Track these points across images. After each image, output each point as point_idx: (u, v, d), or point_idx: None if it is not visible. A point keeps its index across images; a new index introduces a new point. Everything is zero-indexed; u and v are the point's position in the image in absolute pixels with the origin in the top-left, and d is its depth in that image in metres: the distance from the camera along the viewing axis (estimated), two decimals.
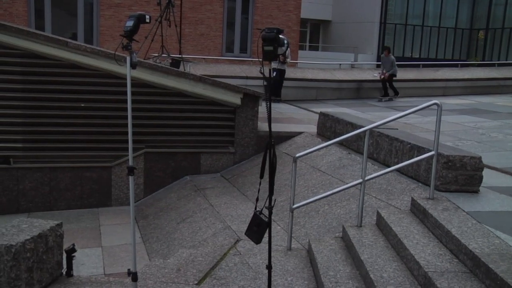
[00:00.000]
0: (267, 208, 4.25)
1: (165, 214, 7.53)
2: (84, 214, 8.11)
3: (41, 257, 4.04)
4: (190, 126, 8.81)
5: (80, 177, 8.36)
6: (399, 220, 4.74)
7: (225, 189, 7.97)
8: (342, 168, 7.00)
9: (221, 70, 14.52)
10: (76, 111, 8.29)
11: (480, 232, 4.06)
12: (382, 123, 5.20)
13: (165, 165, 8.71)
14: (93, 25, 17.32)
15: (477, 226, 4.18)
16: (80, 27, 17.14)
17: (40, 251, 4.01)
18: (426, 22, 31.59)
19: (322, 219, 5.74)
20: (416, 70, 18.00)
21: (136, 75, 7.96)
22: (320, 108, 11.09)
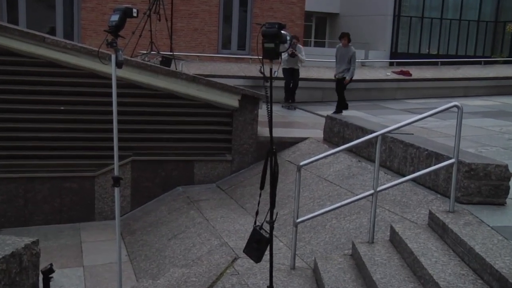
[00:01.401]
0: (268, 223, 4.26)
1: (154, 229, 7.53)
2: (63, 230, 8.10)
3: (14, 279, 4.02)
4: (182, 131, 8.82)
5: (59, 188, 8.36)
6: (415, 235, 4.74)
7: (222, 201, 7.97)
8: (352, 178, 7.00)
9: (217, 69, 14.56)
10: (55, 114, 8.31)
11: (508, 249, 4.06)
12: (396, 128, 5.21)
13: (155, 175, 8.72)
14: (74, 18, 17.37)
15: (503, 243, 4.19)
16: (59, 20, 17.20)
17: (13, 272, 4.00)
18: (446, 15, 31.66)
19: (330, 235, 5.75)
20: (434, 68, 18.07)
21: (122, 74, 7.98)
22: (327, 111, 11.11)
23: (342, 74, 11.26)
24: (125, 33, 5.36)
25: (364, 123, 8.24)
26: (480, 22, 32.00)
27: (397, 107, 13.81)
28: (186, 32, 18.27)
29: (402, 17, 30.75)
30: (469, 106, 13.05)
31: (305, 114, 12.71)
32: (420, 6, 31.16)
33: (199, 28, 18.41)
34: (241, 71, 14.64)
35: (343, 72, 11.24)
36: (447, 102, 5.16)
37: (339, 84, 11.42)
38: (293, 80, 12.91)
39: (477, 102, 14.25)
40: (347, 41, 11.26)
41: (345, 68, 11.23)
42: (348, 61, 11.19)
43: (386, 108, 13.73)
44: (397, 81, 16.04)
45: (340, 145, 7.65)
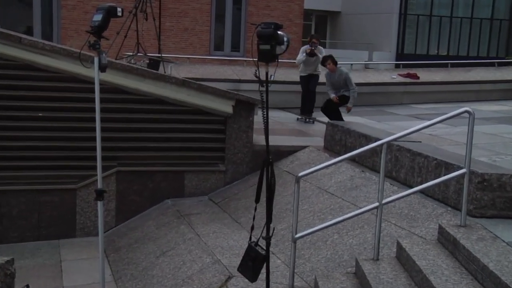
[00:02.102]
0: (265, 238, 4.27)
1: (141, 246, 7.52)
2: (41, 248, 8.06)
3: None
4: (171, 139, 8.82)
5: (37, 202, 8.34)
6: (424, 252, 4.75)
7: (214, 215, 7.97)
8: (355, 189, 7.02)
9: (209, 72, 14.59)
10: (33, 122, 8.30)
11: None
12: (403, 135, 5.23)
13: (142, 187, 8.71)
14: (53, 17, 17.39)
15: None
16: (37, 19, 17.20)
17: None
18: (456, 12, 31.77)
19: (331, 251, 5.75)
20: (444, 70, 18.15)
21: (106, 78, 7.97)
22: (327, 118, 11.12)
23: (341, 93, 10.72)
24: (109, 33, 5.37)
25: (368, 130, 8.26)
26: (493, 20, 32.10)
27: (404, 113, 13.86)
28: (176, 32, 18.31)
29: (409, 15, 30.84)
30: (482, 111, 13.10)
31: None
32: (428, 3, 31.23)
33: (189, 27, 18.46)
34: (235, 75, 14.67)
35: (343, 92, 10.69)
36: (457, 107, 5.18)
37: (333, 105, 10.74)
38: (310, 88, 11.83)
39: (490, 107, 14.32)
40: (333, 65, 10.54)
41: (344, 90, 10.68)
42: (344, 85, 10.62)
43: (391, 114, 13.78)
44: (403, 85, 16.10)
45: (342, 154, 7.65)
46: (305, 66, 11.68)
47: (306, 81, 11.85)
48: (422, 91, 16.04)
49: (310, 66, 11.66)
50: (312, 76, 11.78)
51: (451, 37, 31.68)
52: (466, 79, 16.73)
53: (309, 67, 11.69)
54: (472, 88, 16.52)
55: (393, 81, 16.11)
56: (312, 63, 11.59)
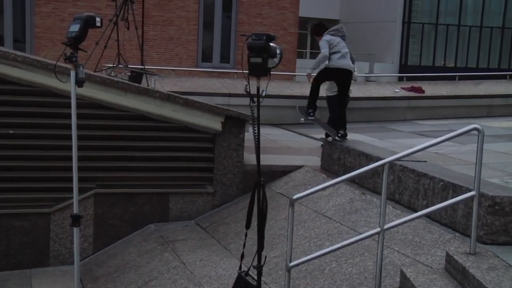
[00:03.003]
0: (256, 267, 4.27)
1: (121, 276, 7.49)
2: (10, 278, 8.01)
3: None
4: (155, 159, 8.83)
5: (6, 227, 8.29)
6: (430, 282, 4.76)
7: (201, 241, 7.96)
8: (355, 213, 7.03)
9: (196, 85, 14.62)
10: (3, 140, 8.27)
11: None
12: (407, 154, 5.26)
13: (122, 210, 8.69)
14: (26, 25, 17.42)
15: None
16: (8, 27, 17.23)
17: None
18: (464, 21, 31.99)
19: (329, 281, 5.75)
20: (451, 83, 18.26)
21: (84, 92, 7.98)
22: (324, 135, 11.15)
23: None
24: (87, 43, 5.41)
25: (369, 149, 8.29)
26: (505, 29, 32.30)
27: (408, 130, 13.91)
28: (160, 42, 18.38)
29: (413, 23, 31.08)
30: (493, 128, 13.17)
31: (299, 138, 12.76)
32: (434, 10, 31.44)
33: (175, 37, 18.54)
34: (224, 88, 14.71)
35: None
36: (466, 123, 5.23)
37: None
38: (341, 109, 9.66)
39: (502, 124, 14.39)
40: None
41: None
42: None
43: (394, 130, 13.83)
44: (407, 99, 16.18)
45: (340, 174, 7.68)
46: (330, 83, 10.09)
47: (334, 101, 9.99)
48: (428, 106, 16.11)
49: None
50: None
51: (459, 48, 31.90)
52: (475, 93, 16.83)
53: (335, 84, 9.68)
54: (482, 103, 16.61)
55: (396, 95, 16.19)
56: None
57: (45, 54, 15.18)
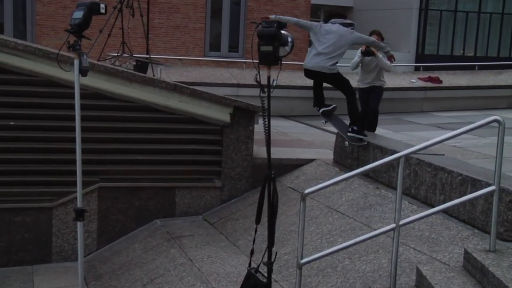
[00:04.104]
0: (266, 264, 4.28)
1: (126, 273, 7.53)
2: (12, 275, 8.06)
3: None
4: (161, 151, 8.85)
5: (7, 222, 8.35)
6: (447, 280, 4.76)
7: (209, 237, 7.98)
8: (368, 209, 7.03)
9: (203, 75, 14.62)
10: (3, 131, 8.32)
11: None
12: (423, 147, 5.25)
13: (127, 205, 8.73)
14: (27, 12, 17.45)
15: None
16: (8, 15, 17.26)
17: None
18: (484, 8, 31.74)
19: (342, 279, 5.76)
20: (470, 73, 18.18)
21: (88, 82, 8.03)
22: None
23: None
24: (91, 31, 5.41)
25: (384, 142, 8.28)
26: None
27: (424, 122, 13.88)
28: (166, 30, 18.37)
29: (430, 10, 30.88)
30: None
31: (312, 130, 12.75)
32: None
33: (181, 25, 18.53)
34: (233, 78, 14.71)
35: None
36: (486, 115, 5.21)
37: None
38: (371, 106, 9.45)
39: None
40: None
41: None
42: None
43: (410, 123, 13.80)
44: (424, 90, 16.14)
45: (354, 168, 7.68)
46: (363, 72, 9.52)
47: (364, 96, 9.53)
48: (446, 97, 16.06)
49: (370, 73, 9.41)
50: (373, 88, 9.48)
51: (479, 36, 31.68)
52: (495, 83, 16.75)
53: (367, 74, 9.46)
54: (502, 93, 16.53)
55: (412, 85, 16.14)
56: (373, 69, 9.36)
57: (47, 43, 15.23)
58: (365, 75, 9.49)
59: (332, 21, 8.50)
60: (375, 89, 9.46)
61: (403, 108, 15.59)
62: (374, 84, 9.44)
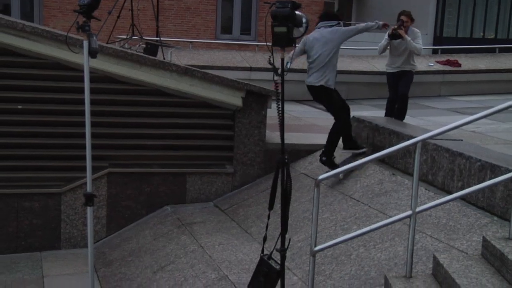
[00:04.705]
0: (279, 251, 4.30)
1: (136, 260, 7.58)
2: (20, 261, 8.14)
3: None
4: (172, 136, 8.88)
5: (15, 208, 8.41)
6: (465, 268, 4.75)
7: (221, 224, 8.01)
8: (384, 195, 7.03)
9: (215, 58, 14.61)
10: (11, 115, 8.37)
11: None
12: (441, 132, 5.23)
13: (137, 191, 8.77)
14: None
15: None
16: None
17: None
18: None
19: (356, 267, 5.77)
20: (490, 56, 18.03)
21: (96, 65, 8.04)
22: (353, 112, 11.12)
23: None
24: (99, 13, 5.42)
25: (400, 127, 8.25)
26: None
27: (442, 106, 13.83)
28: (176, 12, 18.36)
29: None
30: None
31: (326, 115, 12.69)
32: None
33: (192, 7, 18.50)
34: (245, 62, 14.69)
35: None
36: (506, 99, 5.18)
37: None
38: (399, 91, 9.38)
39: None
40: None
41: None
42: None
43: (427, 107, 13.75)
44: (442, 73, 16.04)
45: (369, 154, 7.66)
46: (391, 56, 9.38)
47: (393, 81, 9.42)
48: (464, 80, 15.96)
49: (399, 56, 9.23)
50: (403, 73, 9.32)
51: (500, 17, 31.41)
52: None
53: (396, 58, 9.28)
54: None
55: (430, 69, 16.05)
56: (401, 53, 9.17)
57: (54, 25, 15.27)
58: (393, 59, 9.34)
59: (317, 27, 7.94)
60: (405, 74, 9.31)
61: (420, 92, 15.50)
62: (403, 69, 9.28)
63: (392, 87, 9.47)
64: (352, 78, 15.04)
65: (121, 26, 12.32)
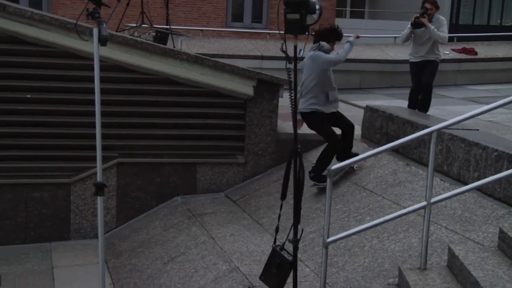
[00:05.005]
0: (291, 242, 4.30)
1: (146, 251, 7.61)
2: (29, 251, 8.19)
3: None
4: (182, 126, 8.89)
5: (24, 198, 8.45)
6: (481, 260, 4.75)
7: (232, 215, 8.03)
8: (398, 186, 7.02)
9: (225, 47, 14.61)
10: (19, 104, 8.40)
11: None
12: (456, 122, 5.22)
13: (147, 182, 8.79)
14: None
15: None
16: None
17: None
18: None
19: (369, 258, 5.78)
20: (508, 44, 17.93)
21: (106, 54, 8.04)
22: (366, 101, 11.13)
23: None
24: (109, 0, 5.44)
25: (415, 116, 8.24)
26: None
27: (458, 95, 13.78)
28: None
29: None
30: None
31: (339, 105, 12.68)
32: None
33: None
34: (256, 50, 14.68)
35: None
36: None
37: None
38: (423, 81, 9.37)
39: None
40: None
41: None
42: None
43: (443, 96, 13.70)
44: (458, 62, 15.97)
45: (382, 144, 7.65)
46: (415, 45, 9.30)
47: (417, 70, 9.37)
48: (481, 69, 15.89)
49: (423, 45, 9.16)
50: (427, 63, 9.29)
51: None
52: None
53: (419, 47, 9.21)
54: None
55: (445, 57, 15.95)
56: (425, 42, 9.10)
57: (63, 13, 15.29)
58: (417, 48, 9.23)
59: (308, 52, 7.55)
60: (429, 63, 9.25)
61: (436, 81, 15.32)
62: (427, 58, 9.22)
63: (415, 77, 9.39)
64: (365, 67, 15.01)
65: (131, 14, 12.32)
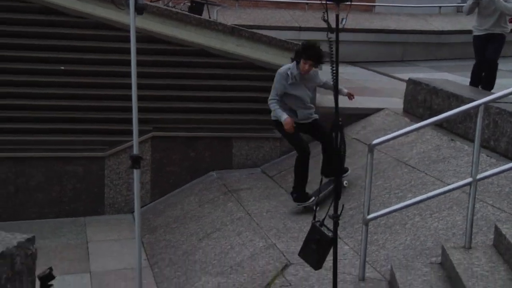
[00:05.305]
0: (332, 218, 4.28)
1: (181, 226, 7.67)
2: (64, 226, 8.32)
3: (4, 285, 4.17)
4: (217, 99, 8.89)
5: (58, 172, 8.56)
6: None
7: (268, 190, 8.04)
8: (442, 162, 6.95)
9: (262, 17, 14.54)
10: (53, 76, 8.47)
11: None
12: (505, 95, 5.14)
13: (182, 156, 8.83)
14: None
15: None
16: None
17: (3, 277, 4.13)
18: None
19: (411, 237, 5.74)
20: None
21: (140, 24, 8.01)
22: (409, 74, 10.98)
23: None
24: None
25: (460, 89, 8.12)
26: None
27: (506, 68, 13.52)
28: None
29: None
30: None
31: (380, 78, 12.61)
32: None
33: None
34: (294, 21, 14.58)
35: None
36: None
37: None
38: (487, 56, 9.09)
39: None
40: None
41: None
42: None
43: None
44: None
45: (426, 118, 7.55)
46: (479, 17, 9.03)
47: (480, 44, 9.09)
48: None
49: (488, 17, 8.87)
50: (492, 36, 8.99)
51: None
52: None
53: (484, 19, 8.92)
54: None
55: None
56: (491, 14, 8.80)
57: None
58: (482, 20, 8.96)
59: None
60: (494, 37, 8.95)
61: None
62: (493, 31, 8.92)
63: (479, 51, 9.10)
64: (408, 38, 14.82)
65: None
